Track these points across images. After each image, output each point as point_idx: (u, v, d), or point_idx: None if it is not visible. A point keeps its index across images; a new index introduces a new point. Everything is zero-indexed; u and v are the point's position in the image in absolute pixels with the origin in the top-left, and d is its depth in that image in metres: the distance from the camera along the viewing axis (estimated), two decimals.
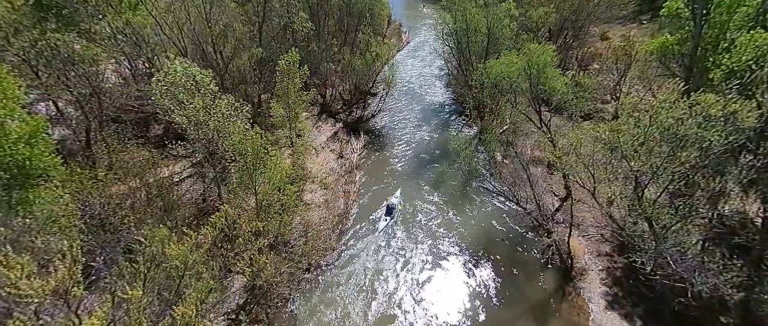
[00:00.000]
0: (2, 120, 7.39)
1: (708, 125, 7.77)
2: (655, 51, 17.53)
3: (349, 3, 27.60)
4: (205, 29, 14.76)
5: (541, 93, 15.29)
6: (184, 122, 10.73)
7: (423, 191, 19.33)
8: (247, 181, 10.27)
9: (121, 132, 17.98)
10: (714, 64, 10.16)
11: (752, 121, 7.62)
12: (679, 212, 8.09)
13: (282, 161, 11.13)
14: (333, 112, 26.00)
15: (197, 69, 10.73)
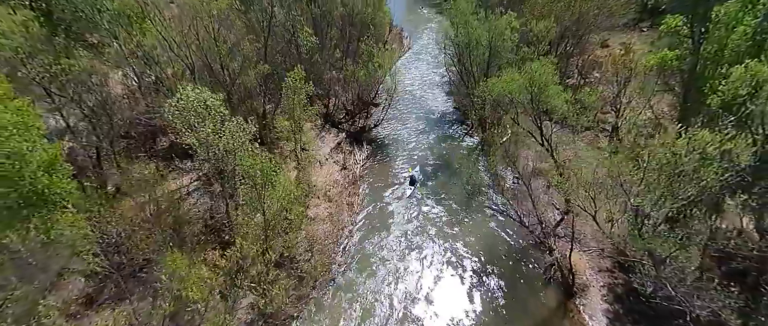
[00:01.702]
0: (25, 153, 7.66)
1: (704, 163, 8.06)
2: (654, 66, 17.85)
3: (351, 14, 27.89)
4: (213, 48, 15.07)
5: (543, 110, 15.57)
6: (195, 144, 11.02)
7: (425, 202, 19.60)
8: (256, 203, 10.54)
9: (129, 148, 18.32)
10: (711, 89, 10.45)
11: (747, 159, 7.90)
12: (678, 241, 8.35)
13: (290, 183, 11.39)
14: (336, 122, 26.29)
15: (208, 93, 11.02)
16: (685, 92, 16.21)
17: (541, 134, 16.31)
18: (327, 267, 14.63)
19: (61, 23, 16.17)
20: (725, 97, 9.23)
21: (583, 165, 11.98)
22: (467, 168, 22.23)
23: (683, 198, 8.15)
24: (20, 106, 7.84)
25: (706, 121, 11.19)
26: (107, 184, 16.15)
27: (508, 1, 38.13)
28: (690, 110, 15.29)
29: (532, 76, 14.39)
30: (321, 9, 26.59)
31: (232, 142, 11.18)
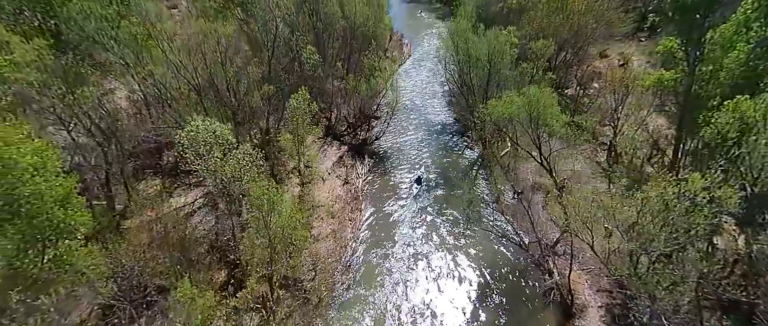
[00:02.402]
0: (43, 193, 7.97)
1: (695, 209, 8.40)
2: (651, 86, 18.21)
3: (353, 27, 28.23)
4: (219, 71, 15.39)
5: (541, 131, 15.89)
6: (203, 171, 11.34)
7: (428, 213, 19.93)
8: (263, 230, 10.86)
9: (136, 165, 18.59)
10: (704, 120, 10.77)
11: (735, 206, 8.24)
12: (671, 280, 8.66)
13: (295, 210, 11.71)
14: (338, 135, 26.60)
15: (218, 124, 11.34)
16: (681, 112, 16.55)
17: (539, 153, 16.63)
18: (331, 286, 14.94)
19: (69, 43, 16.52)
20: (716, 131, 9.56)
21: (581, 199, 12.19)
22: (468, 183, 22.59)
23: (675, 243, 8.47)
24: (39, 146, 8.15)
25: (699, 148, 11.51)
26: (115, 203, 16.47)
27: (507, 12, 38.58)
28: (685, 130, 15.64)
29: (530, 101, 14.73)
30: (323, 23, 26.95)
31: (239, 169, 11.50)
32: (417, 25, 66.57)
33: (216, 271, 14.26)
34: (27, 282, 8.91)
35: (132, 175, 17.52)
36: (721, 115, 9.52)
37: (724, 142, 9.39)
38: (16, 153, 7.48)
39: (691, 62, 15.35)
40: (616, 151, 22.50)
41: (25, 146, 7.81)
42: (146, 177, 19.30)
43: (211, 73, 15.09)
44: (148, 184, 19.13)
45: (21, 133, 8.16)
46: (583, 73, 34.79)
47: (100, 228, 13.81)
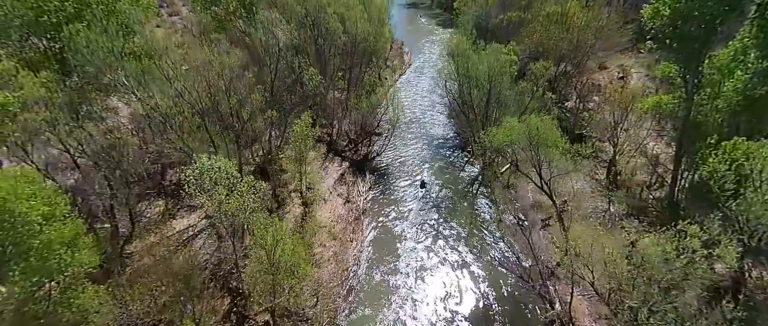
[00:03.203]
0: (52, 241, 8.13)
1: (693, 265, 8.53)
2: (649, 109, 18.37)
3: (354, 42, 28.40)
4: (223, 99, 15.58)
5: (541, 158, 16.04)
6: (208, 205, 11.50)
7: (430, 229, 20.07)
8: (266, 266, 11.01)
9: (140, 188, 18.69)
10: (702, 159, 10.92)
11: (733, 262, 8.38)
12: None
13: (298, 243, 11.87)
14: (339, 151, 26.76)
15: (223, 161, 11.52)
16: (680, 139, 16.69)
17: (540, 178, 16.78)
18: (334, 313, 15.07)
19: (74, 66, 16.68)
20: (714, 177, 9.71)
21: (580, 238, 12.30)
22: (469, 201, 22.76)
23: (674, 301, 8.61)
24: (49, 195, 8.31)
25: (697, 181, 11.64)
26: (119, 227, 16.61)
27: (507, 25, 38.80)
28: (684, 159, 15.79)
29: (530, 129, 14.91)
30: (324, 39, 27.14)
31: (243, 202, 11.66)
32: (417, 32, 66.70)
33: (219, 299, 14.39)
34: (34, 323, 9.05)
35: (135, 197, 17.62)
36: (717, 157, 9.67)
37: (721, 190, 9.56)
38: (26, 207, 7.64)
39: (690, 88, 15.50)
40: (616, 169, 22.65)
41: (35, 198, 7.97)
42: (149, 199, 19.47)
43: (214, 100, 15.27)
44: (151, 205, 19.30)
45: (30, 180, 8.32)
46: (582, 85, 35.01)
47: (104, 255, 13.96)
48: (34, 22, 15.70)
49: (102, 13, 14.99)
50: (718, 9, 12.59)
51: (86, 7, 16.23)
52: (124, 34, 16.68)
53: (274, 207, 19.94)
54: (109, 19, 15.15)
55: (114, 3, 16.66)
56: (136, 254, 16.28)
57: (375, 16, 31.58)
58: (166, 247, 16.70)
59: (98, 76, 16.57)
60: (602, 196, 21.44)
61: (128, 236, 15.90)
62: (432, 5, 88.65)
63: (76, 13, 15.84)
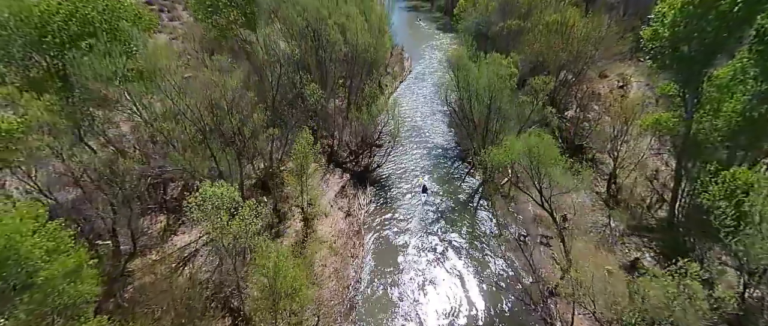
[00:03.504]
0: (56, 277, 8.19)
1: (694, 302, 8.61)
2: (649, 127, 18.43)
3: (355, 53, 28.48)
4: (226, 118, 15.66)
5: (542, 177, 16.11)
6: (210, 231, 11.59)
7: (431, 242, 20.12)
8: (268, 293, 11.09)
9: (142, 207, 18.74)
10: (702, 186, 10.98)
11: (734, 307, 8.43)
12: None
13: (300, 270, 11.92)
14: (340, 162, 26.82)
15: (225, 188, 11.63)
16: (680, 155, 16.76)
17: (541, 195, 16.83)
18: None
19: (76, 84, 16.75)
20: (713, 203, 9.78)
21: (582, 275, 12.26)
22: (470, 212, 22.81)
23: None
24: (53, 230, 8.38)
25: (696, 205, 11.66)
26: (120, 245, 16.67)
27: (507, 33, 38.86)
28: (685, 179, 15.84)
29: (530, 148, 14.98)
30: (325, 51, 27.24)
31: (245, 226, 11.75)
32: (417, 36, 66.70)
33: (219, 319, 14.44)
34: None
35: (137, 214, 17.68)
36: (717, 187, 9.73)
37: (721, 225, 9.60)
38: (31, 244, 7.71)
39: (690, 108, 15.57)
40: (616, 183, 22.71)
41: (39, 236, 8.04)
42: (151, 214, 19.52)
43: (216, 120, 15.36)
44: (152, 221, 19.36)
45: (35, 216, 8.39)
46: (582, 94, 35.08)
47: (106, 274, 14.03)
48: (37, 41, 15.83)
49: (105, 38, 15.07)
50: (716, 35, 12.66)
51: (89, 27, 16.37)
52: (127, 53, 16.84)
53: (275, 222, 20.02)
54: (112, 41, 15.24)
55: (117, 22, 16.79)
56: (138, 272, 16.36)
57: (375, 25, 31.68)
58: (167, 265, 16.80)
59: (101, 94, 16.73)
60: (602, 210, 21.50)
61: (130, 254, 15.96)
62: (432, 8, 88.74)
63: (79, 33, 15.97)
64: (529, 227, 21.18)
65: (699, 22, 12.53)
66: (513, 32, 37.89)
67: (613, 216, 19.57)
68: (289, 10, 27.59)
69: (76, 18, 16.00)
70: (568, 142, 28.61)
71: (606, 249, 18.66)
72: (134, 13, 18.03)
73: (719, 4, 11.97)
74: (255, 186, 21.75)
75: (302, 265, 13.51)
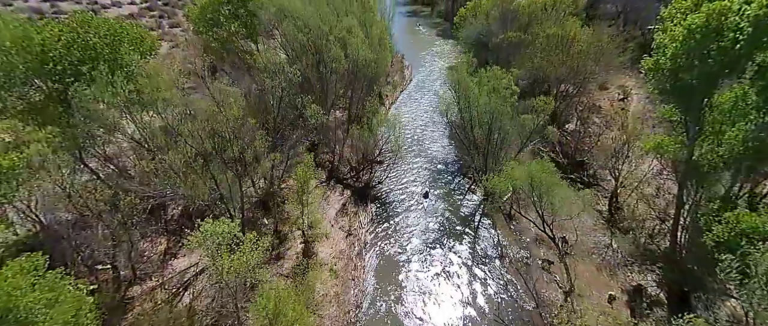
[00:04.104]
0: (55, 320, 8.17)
1: None
2: (651, 150, 18.35)
3: (355, 67, 28.48)
4: (229, 148, 15.68)
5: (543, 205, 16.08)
6: (211, 266, 11.58)
7: (429, 267, 20.08)
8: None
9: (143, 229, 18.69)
10: (705, 225, 10.93)
11: None
12: None
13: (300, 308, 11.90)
14: (341, 178, 26.80)
15: (226, 224, 11.64)
16: (682, 181, 16.70)
17: (542, 222, 16.79)
18: None
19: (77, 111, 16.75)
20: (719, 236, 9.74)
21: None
22: (471, 230, 22.75)
23: None
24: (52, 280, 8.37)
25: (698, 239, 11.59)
26: (120, 273, 16.60)
27: (507, 45, 38.88)
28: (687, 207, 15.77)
29: (532, 176, 14.95)
30: (326, 67, 27.28)
31: (247, 261, 11.73)
32: (417, 43, 66.72)
33: None
34: None
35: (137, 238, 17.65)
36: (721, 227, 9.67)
37: (727, 278, 9.52)
38: (30, 299, 7.69)
39: (691, 135, 15.51)
40: (618, 201, 22.64)
41: (39, 288, 8.02)
42: (151, 237, 19.48)
43: (217, 147, 15.37)
44: (153, 243, 19.33)
45: (34, 268, 8.37)
46: (582, 107, 35.05)
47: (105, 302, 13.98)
48: (38, 68, 15.84)
49: (107, 70, 15.09)
50: (717, 68, 12.63)
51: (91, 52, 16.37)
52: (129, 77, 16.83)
53: (276, 243, 19.99)
54: (114, 73, 15.26)
55: (118, 46, 16.79)
56: (138, 299, 16.32)
57: (376, 38, 31.71)
58: (167, 290, 16.77)
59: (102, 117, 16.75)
60: (604, 230, 21.44)
61: (129, 281, 15.94)
62: (432, 14, 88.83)
63: (81, 60, 15.99)
64: (530, 247, 21.12)
65: (700, 56, 12.51)
66: (513, 44, 37.93)
67: (615, 239, 19.52)
68: (290, 27, 27.67)
69: (78, 44, 16.04)
70: (568, 157, 28.58)
71: (608, 272, 18.62)
72: (135, 36, 18.06)
73: (721, 39, 11.96)
74: (255, 206, 21.73)
75: (302, 294, 13.47)
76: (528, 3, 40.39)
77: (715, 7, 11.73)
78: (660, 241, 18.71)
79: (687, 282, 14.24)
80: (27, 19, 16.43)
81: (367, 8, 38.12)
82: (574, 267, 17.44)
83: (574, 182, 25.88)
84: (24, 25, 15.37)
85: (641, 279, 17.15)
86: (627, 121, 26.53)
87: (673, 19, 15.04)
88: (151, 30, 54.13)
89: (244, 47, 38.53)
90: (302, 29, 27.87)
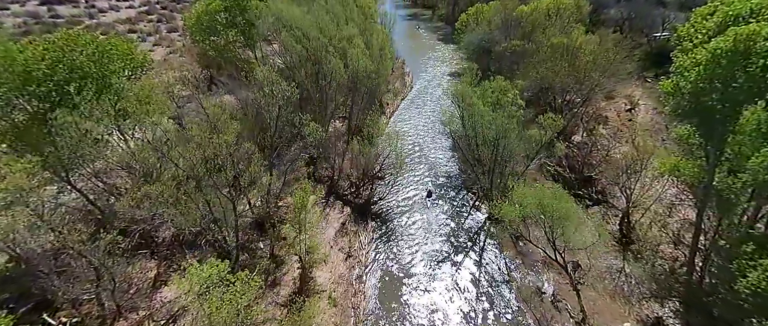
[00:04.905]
0: None
1: None
2: (666, 172, 17.50)
3: (356, 78, 27.68)
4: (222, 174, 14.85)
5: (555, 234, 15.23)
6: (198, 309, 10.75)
7: (434, 292, 19.25)
8: None
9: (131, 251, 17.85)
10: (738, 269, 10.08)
11: None
12: None
13: None
14: (341, 194, 25.94)
15: (216, 267, 10.79)
16: (701, 208, 15.83)
17: (554, 250, 15.93)
18: None
19: None
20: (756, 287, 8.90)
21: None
22: (476, 251, 21.89)
23: None
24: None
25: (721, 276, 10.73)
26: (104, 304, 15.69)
27: (511, 53, 38.05)
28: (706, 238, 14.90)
29: (544, 205, 14.10)
30: (325, 79, 26.47)
31: (238, 305, 10.89)
32: (418, 47, 65.95)
33: None
34: None
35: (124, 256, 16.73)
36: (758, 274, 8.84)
37: None
38: None
39: (712, 160, 14.64)
40: (629, 221, 21.75)
41: None
42: (140, 260, 18.58)
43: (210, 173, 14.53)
44: (142, 268, 18.43)
45: None
46: (588, 118, 34.20)
47: None
48: (20, 88, 15.01)
49: (93, 90, 14.25)
50: (743, 96, 11.79)
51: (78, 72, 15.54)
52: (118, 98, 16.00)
53: (272, 267, 19.12)
54: (102, 93, 14.43)
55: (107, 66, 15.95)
56: None
57: (377, 47, 30.90)
58: (156, 322, 15.88)
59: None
60: (616, 253, 20.56)
61: (114, 316, 15.07)
62: (432, 17, 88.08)
63: (67, 80, 15.13)
64: (539, 270, 20.25)
65: (725, 81, 11.68)
66: (517, 53, 37.11)
67: (628, 263, 18.65)
68: (288, 38, 26.87)
69: (64, 64, 15.20)
70: (575, 171, 27.72)
71: (622, 300, 17.74)
72: (125, 54, 17.21)
73: (749, 65, 11.14)
74: (251, 227, 20.86)
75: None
76: (531, 10, 39.61)
77: (744, 31, 10.90)
78: (677, 267, 17.81)
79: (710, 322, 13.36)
80: (9, 39, 15.56)
81: (367, 16, 37.35)
82: (586, 294, 16.58)
83: (582, 198, 25.05)
84: (5, 44, 14.52)
85: (659, 309, 16.28)
86: (636, 134, 25.62)
87: (692, 38, 14.21)
88: (149, 35, 53.41)
89: (242, 56, 37.76)
90: (301, 40, 27.08)
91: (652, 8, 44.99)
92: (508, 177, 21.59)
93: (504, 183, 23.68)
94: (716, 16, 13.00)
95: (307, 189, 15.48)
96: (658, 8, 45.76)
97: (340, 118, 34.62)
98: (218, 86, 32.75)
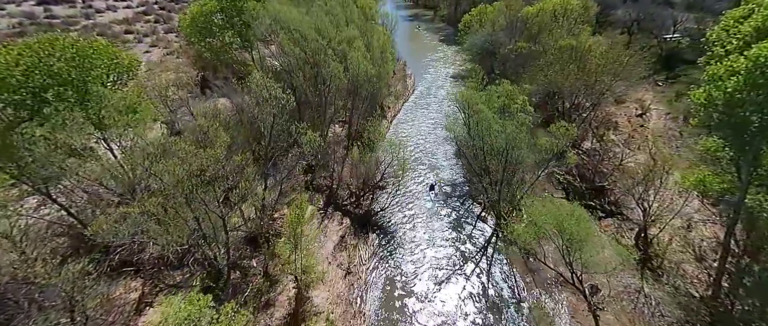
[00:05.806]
0: None
1: None
2: (690, 187, 16.26)
3: (356, 82, 26.50)
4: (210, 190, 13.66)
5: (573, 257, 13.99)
6: None
7: (437, 313, 18.06)
8: None
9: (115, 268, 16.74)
10: None
11: None
12: None
13: None
14: (340, 204, 24.73)
15: (196, 300, 9.62)
16: (729, 226, 14.59)
17: (572, 274, 14.67)
18: None
19: None
20: None
21: None
22: (482, 268, 20.66)
23: None
24: None
25: None
26: None
27: (517, 56, 36.77)
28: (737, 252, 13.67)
29: (562, 229, 12.85)
30: (324, 84, 25.27)
31: None
32: (420, 49, 64.78)
33: None
34: None
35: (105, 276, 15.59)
36: None
37: None
38: None
39: (745, 177, 13.39)
40: (646, 236, 20.45)
41: None
42: (125, 278, 17.39)
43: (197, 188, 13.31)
44: (126, 288, 17.23)
45: None
46: (598, 124, 32.94)
47: None
48: None
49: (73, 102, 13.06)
50: None
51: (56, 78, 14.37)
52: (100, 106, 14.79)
53: (266, 286, 17.91)
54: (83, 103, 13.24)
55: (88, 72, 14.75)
56: None
57: (378, 49, 29.72)
58: None
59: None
60: (634, 270, 19.27)
61: None
62: (434, 18, 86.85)
63: (43, 87, 13.95)
64: (551, 289, 18.99)
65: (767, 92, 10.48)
66: (522, 55, 35.86)
67: (647, 284, 17.39)
68: (286, 40, 25.70)
69: (40, 69, 14.02)
70: (587, 180, 26.45)
71: (643, 324, 16.48)
72: (110, 58, 16.01)
73: None
74: (243, 242, 19.65)
75: None
76: (536, 11, 38.37)
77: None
78: (702, 291, 16.52)
79: None
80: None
81: (368, 17, 36.16)
82: (603, 317, 15.34)
83: (594, 210, 23.80)
84: None
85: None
86: (650, 142, 24.34)
87: (724, 43, 12.97)
88: (146, 35, 52.32)
89: (239, 58, 36.58)
90: (299, 42, 25.90)
91: (661, 9, 43.69)
92: (516, 188, 20.34)
93: (512, 193, 22.45)
94: (753, 20, 11.77)
95: (303, 204, 14.28)
96: (666, 9, 44.46)
97: (339, 122, 33.42)
98: (212, 90, 31.51)
